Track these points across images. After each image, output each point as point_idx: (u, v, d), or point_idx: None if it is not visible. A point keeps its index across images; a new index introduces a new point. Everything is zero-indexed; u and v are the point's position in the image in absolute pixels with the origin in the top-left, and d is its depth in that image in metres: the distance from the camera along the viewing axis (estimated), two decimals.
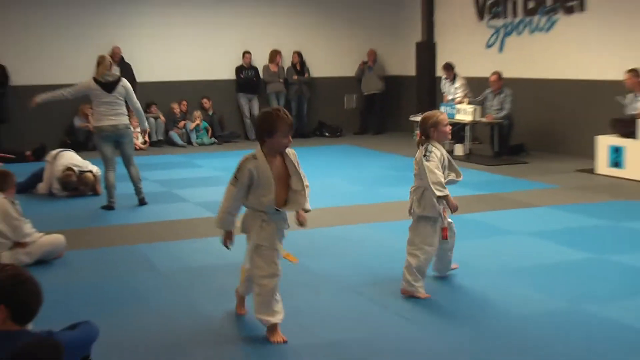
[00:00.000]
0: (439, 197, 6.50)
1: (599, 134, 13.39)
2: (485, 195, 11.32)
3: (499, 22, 17.41)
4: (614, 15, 14.43)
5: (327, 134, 19.74)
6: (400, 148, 16.96)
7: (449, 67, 16.87)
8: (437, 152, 6.64)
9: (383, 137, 19.31)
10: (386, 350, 5.46)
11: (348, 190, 11.81)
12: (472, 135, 16.10)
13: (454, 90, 16.68)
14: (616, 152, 12.90)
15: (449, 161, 6.82)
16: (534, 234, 8.80)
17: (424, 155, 6.58)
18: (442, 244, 6.84)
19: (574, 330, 5.78)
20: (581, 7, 15.25)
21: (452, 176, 6.89)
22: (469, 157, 15.14)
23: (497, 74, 15.31)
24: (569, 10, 15.53)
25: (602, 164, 13.16)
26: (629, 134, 12.66)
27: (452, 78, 16.82)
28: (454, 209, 6.62)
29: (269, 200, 5.60)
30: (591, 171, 13.31)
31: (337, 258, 7.95)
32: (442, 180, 6.56)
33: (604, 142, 13.15)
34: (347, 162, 15.03)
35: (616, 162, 12.89)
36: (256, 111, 18.99)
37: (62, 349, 3.68)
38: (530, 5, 16.52)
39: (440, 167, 6.62)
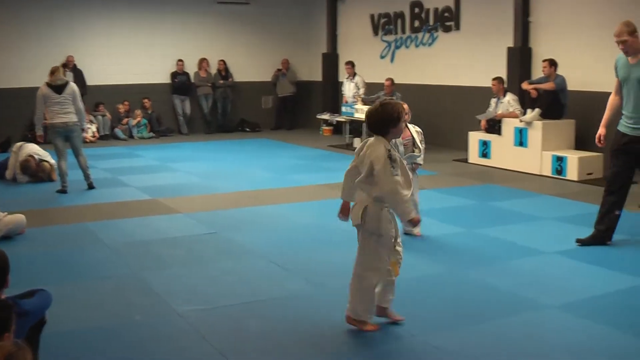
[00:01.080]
0: None
1: (471, 130, 13.76)
2: None
3: (390, 38, 17.64)
4: (482, 34, 14.79)
5: (247, 130, 19.74)
6: (309, 141, 17.10)
7: (350, 64, 16.90)
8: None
9: (294, 132, 19.39)
10: (290, 305, 5.60)
11: (264, 177, 11.89)
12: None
13: (353, 87, 16.73)
14: (484, 145, 13.27)
15: (413, 138, 7.32)
16: (419, 213, 8.98)
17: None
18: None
19: (450, 289, 6.00)
20: (457, 26, 15.59)
21: (415, 152, 7.30)
22: None
23: (390, 80, 15.54)
24: (447, 29, 15.84)
25: (474, 155, 13.51)
26: (494, 130, 13.05)
27: (352, 75, 16.94)
28: None
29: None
30: (465, 161, 13.64)
31: (254, 232, 8.04)
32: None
33: (475, 137, 13.51)
34: (264, 153, 15.10)
35: (484, 153, 13.25)
36: (188, 110, 19.02)
37: (12, 307, 3.69)
38: (416, 24, 16.78)
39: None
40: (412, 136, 7.45)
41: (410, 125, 7.49)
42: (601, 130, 7.54)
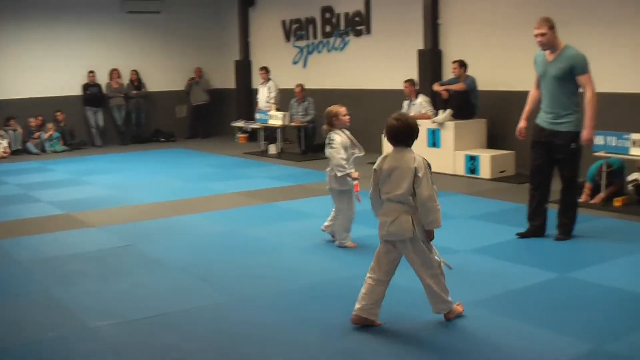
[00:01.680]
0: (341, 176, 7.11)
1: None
2: (294, 186, 11.52)
3: (302, 43, 17.66)
4: (393, 37, 14.93)
5: (162, 140, 19.46)
6: (224, 149, 16.97)
7: (265, 70, 16.80)
8: (339, 137, 6.99)
9: (210, 141, 19.24)
10: (207, 316, 5.50)
11: (179, 186, 11.72)
12: (283, 137, 16.33)
13: (267, 91, 16.67)
14: None
15: (351, 141, 7.33)
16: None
17: (328, 144, 6.89)
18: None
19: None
20: (368, 30, 15.71)
21: (356, 152, 7.33)
22: (280, 155, 15.31)
23: (300, 86, 15.56)
24: (358, 33, 15.94)
25: None
26: None
27: (267, 80, 16.84)
28: (354, 179, 7.19)
29: None
30: None
31: (169, 243, 7.89)
32: (343, 162, 7.09)
33: None
34: (180, 162, 14.91)
35: None
36: (101, 122, 18.59)
37: None
38: (327, 29, 16.85)
39: (342, 150, 7.11)
40: (351, 138, 7.52)
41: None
42: (522, 124, 7.75)
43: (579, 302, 5.59)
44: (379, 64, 15.37)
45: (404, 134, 5.01)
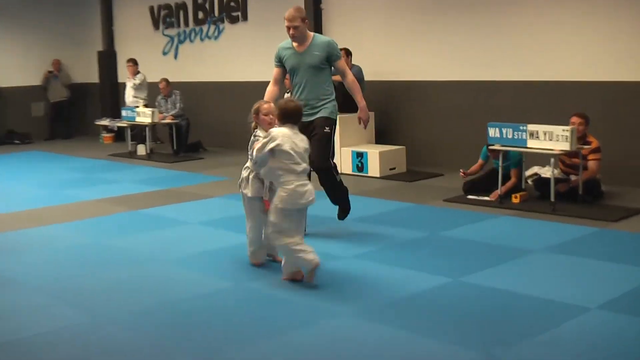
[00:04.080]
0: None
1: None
2: (165, 190, 11.37)
3: (173, 32, 17.48)
4: (272, 25, 14.89)
5: (17, 142, 18.87)
6: (88, 151, 16.62)
7: (132, 62, 16.53)
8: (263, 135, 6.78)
9: (71, 142, 18.80)
10: (61, 341, 5.34)
11: (37, 194, 11.37)
12: (153, 136, 16.11)
13: (134, 86, 16.42)
14: None
15: None
16: (206, 223, 8.97)
17: (252, 140, 6.76)
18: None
19: (240, 304, 5.99)
20: (244, 17, 15.67)
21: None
22: (150, 157, 15.11)
23: (165, 80, 15.37)
24: (234, 20, 15.89)
25: None
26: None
27: (136, 74, 16.59)
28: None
29: None
30: None
31: (24, 259, 7.62)
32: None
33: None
34: (37, 167, 14.49)
35: None
36: None
37: None
38: (200, 15, 16.73)
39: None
40: None
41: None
42: None
43: (467, 308, 5.71)
44: (257, 53, 15.34)
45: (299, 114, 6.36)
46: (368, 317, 5.56)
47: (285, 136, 6.23)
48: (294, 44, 7.97)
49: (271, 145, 6.18)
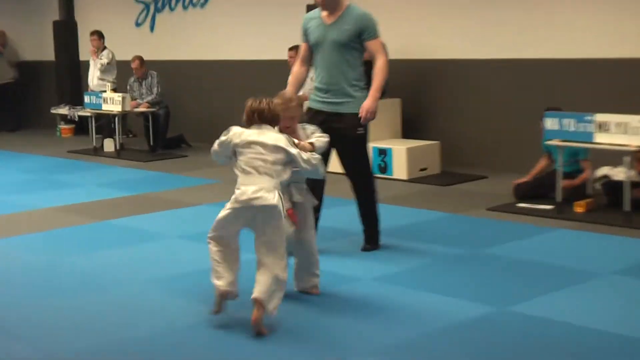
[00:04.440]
0: None
1: None
2: (136, 196, 11.42)
3: None
4: None
5: None
6: (41, 147, 16.73)
7: (97, 35, 16.57)
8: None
9: (21, 135, 18.93)
10: None
11: None
12: (124, 128, 16.15)
13: (100, 65, 16.40)
14: None
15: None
16: (189, 236, 8.99)
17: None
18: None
19: (225, 344, 6.00)
20: None
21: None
22: (120, 154, 15.18)
23: (139, 59, 15.42)
24: None
25: None
26: None
27: (100, 49, 16.56)
28: None
29: None
30: None
31: None
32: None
33: None
34: None
35: None
36: None
37: None
38: None
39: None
40: None
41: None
42: None
43: (515, 344, 5.73)
44: (255, 25, 15.37)
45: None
46: (391, 357, 5.58)
47: None
48: (323, 14, 7.92)
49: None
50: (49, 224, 9.89)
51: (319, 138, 6.62)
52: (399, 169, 12.01)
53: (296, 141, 6.29)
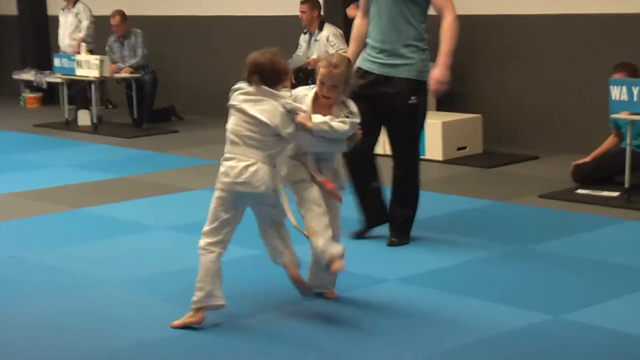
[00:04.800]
0: None
1: None
2: (117, 179, 11.47)
3: None
4: None
5: None
6: (2, 119, 16.82)
7: None
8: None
9: None
10: None
11: None
12: (102, 98, 16.15)
13: (71, 22, 16.50)
14: None
15: None
16: (180, 227, 9.01)
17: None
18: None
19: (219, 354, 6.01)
20: None
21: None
22: (98, 129, 15.19)
23: (119, 14, 15.38)
24: None
25: None
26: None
27: (72, 4, 16.60)
28: None
29: None
30: None
31: None
32: None
33: None
34: None
35: None
36: None
37: None
38: None
39: None
40: None
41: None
42: None
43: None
44: None
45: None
46: None
47: None
48: None
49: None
50: (11, 212, 9.94)
51: (341, 120, 6.49)
52: (433, 147, 11.99)
53: (299, 113, 6.29)
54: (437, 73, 7.73)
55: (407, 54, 7.81)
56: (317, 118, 6.34)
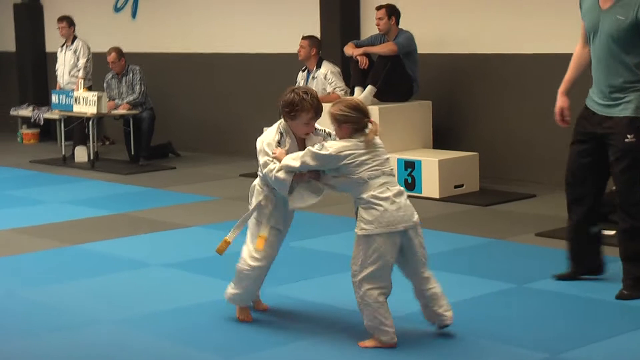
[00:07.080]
0: None
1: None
2: (113, 216, 11.43)
3: None
4: None
5: None
6: (2, 155, 16.80)
7: (66, 21, 16.48)
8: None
9: None
10: None
11: None
12: (100, 134, 16.13)
13: (71, 58, 16.37)
14: None
15: None
16: (177, 264, 8.97)
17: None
18: None
19: None
20: None
21: None
22: (95, 165, 15.19)
23: (116, 51, 15.39)
24: None
25: None
26: None
27: (71, 40, 16.53)
28: None
29: None
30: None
31: None
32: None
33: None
34: None
35: None
36: None
37: None
38: None
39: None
40: None
41: None
42: (561, 101, 7.97)
43: None
44: (256, 10, 15.37)
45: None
46: None
47: None
48: None
49: None
50: (6, 248, 9.92)
51: (292, 156, 6.81)
52: (430, 185, 11.96)
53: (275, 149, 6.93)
54: None
55: (627, 95, 7.42)
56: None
